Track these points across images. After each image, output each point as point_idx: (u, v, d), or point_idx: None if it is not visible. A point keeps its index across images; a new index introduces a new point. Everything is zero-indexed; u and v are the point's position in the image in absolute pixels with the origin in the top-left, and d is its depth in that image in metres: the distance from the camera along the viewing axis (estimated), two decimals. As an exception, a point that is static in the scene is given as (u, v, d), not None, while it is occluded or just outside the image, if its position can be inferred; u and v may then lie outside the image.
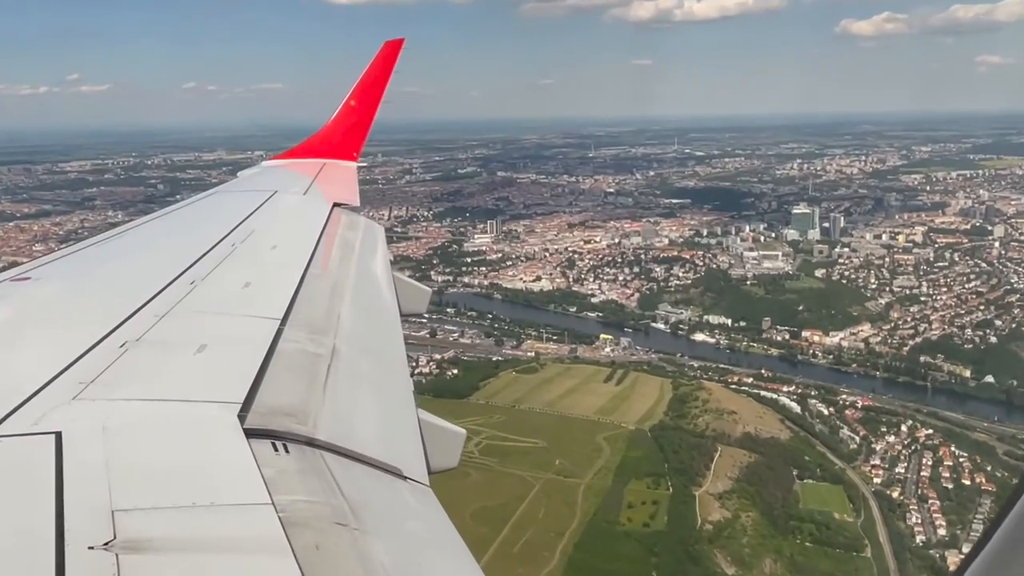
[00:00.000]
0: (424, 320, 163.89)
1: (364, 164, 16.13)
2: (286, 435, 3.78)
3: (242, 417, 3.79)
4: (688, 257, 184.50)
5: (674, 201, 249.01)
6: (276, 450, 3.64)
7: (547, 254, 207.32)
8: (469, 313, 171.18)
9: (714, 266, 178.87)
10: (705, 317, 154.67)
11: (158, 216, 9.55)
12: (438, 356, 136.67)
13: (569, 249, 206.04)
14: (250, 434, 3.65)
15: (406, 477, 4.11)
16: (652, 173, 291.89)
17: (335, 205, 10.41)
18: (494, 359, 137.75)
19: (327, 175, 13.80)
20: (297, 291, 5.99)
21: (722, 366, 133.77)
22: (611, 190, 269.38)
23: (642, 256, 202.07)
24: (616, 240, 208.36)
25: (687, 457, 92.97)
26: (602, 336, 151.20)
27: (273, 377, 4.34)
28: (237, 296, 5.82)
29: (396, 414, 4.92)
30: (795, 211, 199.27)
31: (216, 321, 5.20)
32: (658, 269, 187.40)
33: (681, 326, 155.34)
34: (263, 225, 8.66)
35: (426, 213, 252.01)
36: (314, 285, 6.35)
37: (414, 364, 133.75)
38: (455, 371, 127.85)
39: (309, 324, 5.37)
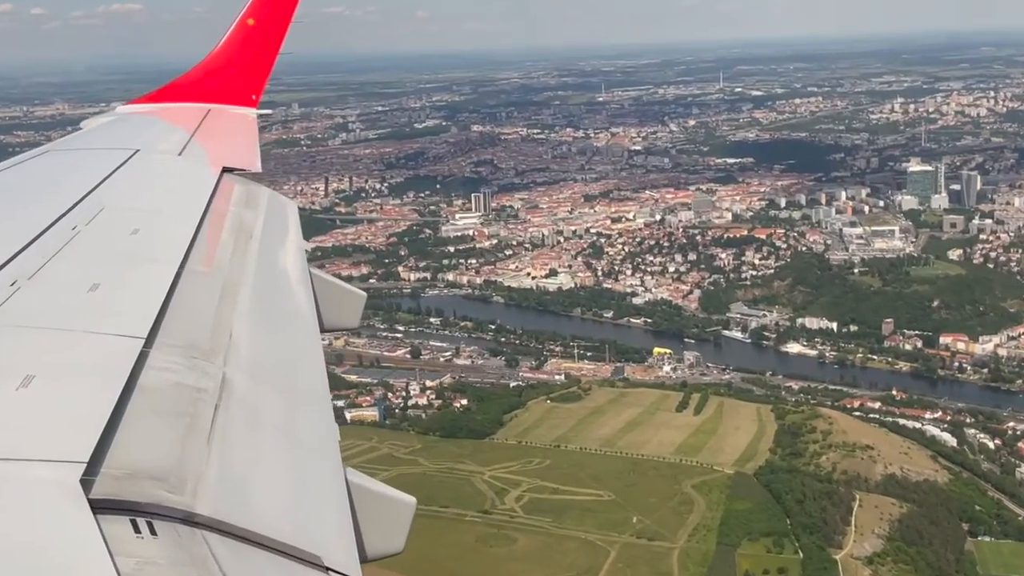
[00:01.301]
0: (398, 335, 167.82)
1: (267, 112, 16.29)
2: (152, 509, 3.70)
3: (87, 483, 3.63)
4: (764, 237, 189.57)
5: (730, 160, 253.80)
6: (138, 531, 3.56)
7: (560, 238, 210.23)
8: (462, 324, 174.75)
9: (803, 248, 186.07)
10: (799, 320, 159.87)
11: None
12: (432, 383, 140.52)
13: (591, 230, 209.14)
14: (99, 507, 3.52)
15: (328, 569, 4.12)
16: (692, 122, 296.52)
17: (225, 171, 10.51)
18: (511, 384, 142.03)
19: (212, 127, 13.76)
20: (169, 297, 5.89)
21: (834, 387, 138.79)
22: (637, 147, 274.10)
23: (697, 237, 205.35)
24: (656, 216, 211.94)
25: (815, 509, 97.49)
26: (656, 350, 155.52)
27: (133, 423, 4.24)
28: (80, 303, 5.63)
29: (315, 476, 4.89)
30: (910, 170, 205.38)
31: (49, 340, 5.01)
32: (723, 255, 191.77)
33: (766, 333, 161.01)
34: (118, 199, 8.51)
35: (378, 185, 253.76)
36: (194, 288, 6.29)
37: (403, 394, 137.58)
38: (464, 402, 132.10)
39: (187, 345, 5.30)
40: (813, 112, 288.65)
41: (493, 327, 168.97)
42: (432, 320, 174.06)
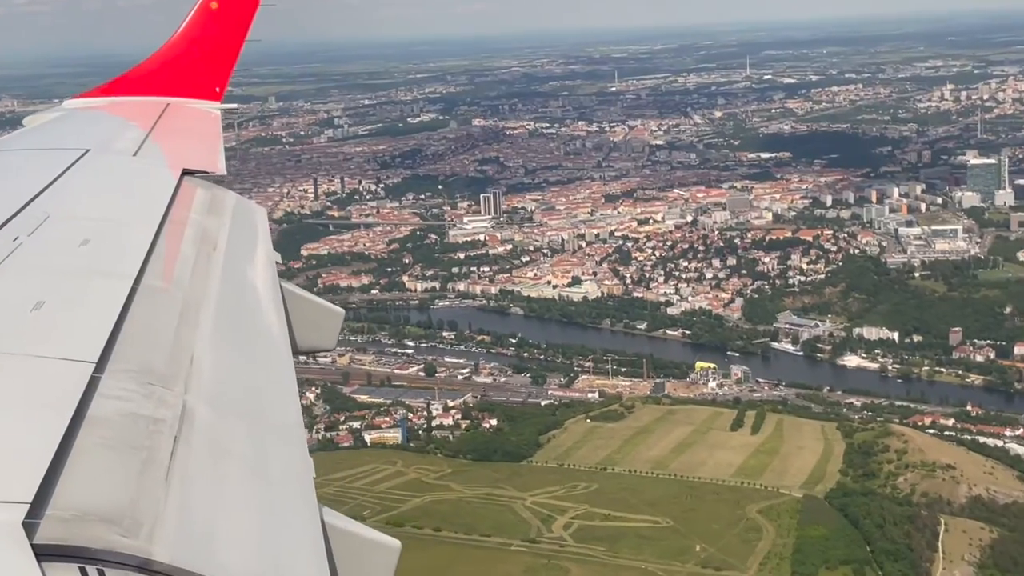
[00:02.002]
0: (408, 351, 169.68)
1: (233, 106, 16.35)
2: (104, 555, 3.72)
3: (31, 526, 3.67)
4: (810, 239, 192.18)
5: (764, 155, 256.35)
6: None
7: (582, 243, 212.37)
8: (479, 338, 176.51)
9: (855, 251, 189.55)
10: (855, 330, 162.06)
11: None
12: (455, 402, 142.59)
13: (616, 234, 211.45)
14: (44, 554, 3.55)
15: None
16: (719, 114, 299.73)
17: (185, 173, 10.52)
18: (542, 403, 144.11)
19: (171, 124, 13.82)
20: (123, 316, 5.88)
21: (900, 403, 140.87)
22: (658, 142, 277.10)
23: (735, 240, 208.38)
24: (688, 217, 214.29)
25: (898, 534, 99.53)
26: (698, 365, 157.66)
27: (82, 459, 4.24)
28: (23, 324, 5.64)
29: (288, 517, 4.93)
30: (970, 163, 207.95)
31: None
32: (766, 259, 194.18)
33: (819, 345, 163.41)
34: (65, 206, 8.53)
35: (373, 187, 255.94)
36: (151, 306, 6.33)
37: (425, 414, 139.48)
38: (493, 422, 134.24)
39: (143, 370, 5.32)
40: (853, 101, 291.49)
41: (514, 341, 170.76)
42: (445, 334, 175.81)
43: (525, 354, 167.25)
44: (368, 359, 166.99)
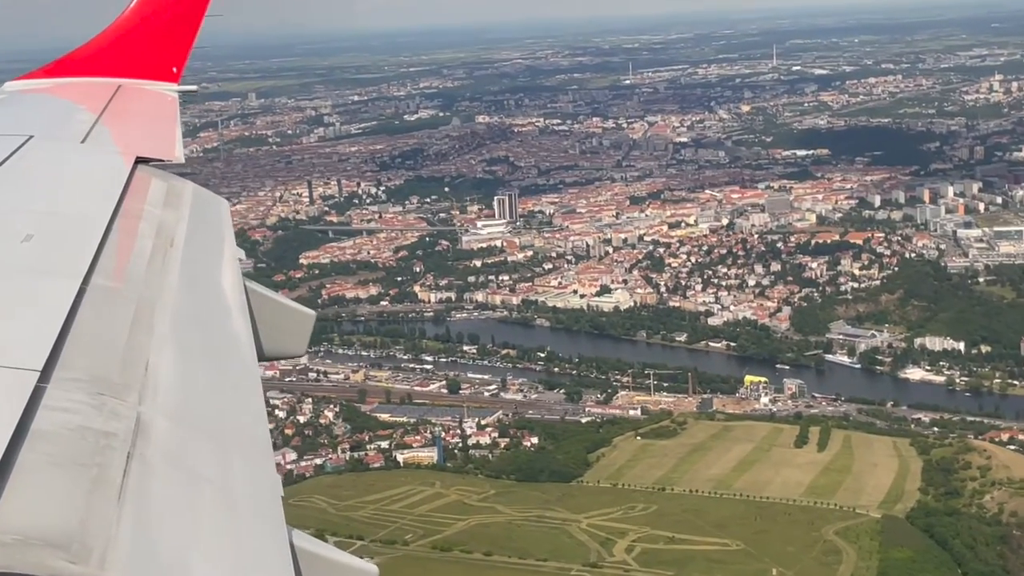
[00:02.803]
0: (427, 366, 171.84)
1: (191, 88, 15.76)
2: None
3: None
4: (861, 242, 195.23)
5: (800, 153, 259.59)
6: None
7: (608, 248, 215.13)
8: (504, 352, 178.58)
9: (911, 254, 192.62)
10: (916, 341, 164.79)
11: None
12: (488, 419, 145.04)
13: (646, 238, 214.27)
14: None
15: None
16: (746, 108, 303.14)
17: (139, 161, 10.55)
18: (582, 420, 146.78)
19: (124, 107, 13.71)
20: (70, 319, 5.90)
21: (972, 418, 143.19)
22: (683, 139, 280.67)
23: (778, 244, 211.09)
24: (723, 220, 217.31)
25: (991, 555, 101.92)
26: (748, 378, 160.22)
27: (26, 477, 4.25)
28: None
29: (253, 540, 4.98)
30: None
31: None
32: (813, 264, 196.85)
33: (878, 357, 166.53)
34: (6, 198, 8.66)
35: (373, 189, 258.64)
36: (102, 308, 6.37)
37: (458, 433, 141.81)
38: (535, 440, 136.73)
39: (93, 379, 5.34)
40: (893, 93, 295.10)
41: (543, 355, 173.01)
42: (466, 348, 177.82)
43: (555, 369, 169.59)
44: (384, 375, 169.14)
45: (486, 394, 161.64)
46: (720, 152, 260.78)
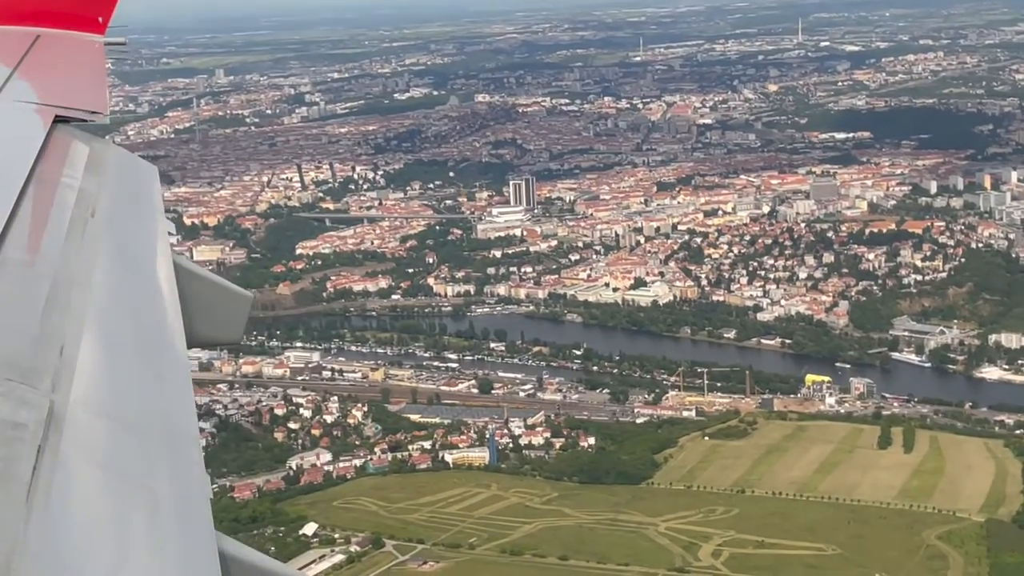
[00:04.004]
0: (451, 364, 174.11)
1: (119, 41, 15.27)
2: None
3: None
4: (920, 231, 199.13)
5: (839, 136, 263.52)
6: None
7: (640, 238, 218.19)
8: (535, 349, 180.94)
9: (978, 244, 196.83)
10: (991, 337, 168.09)
11: None
12: (533, 420, 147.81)
13: (680, 227, 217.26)
14: None
15: None
16: (773, 87, 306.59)
17: (59, 120, 10.47)
18: (636, 420, 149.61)
19: (42, 60, 13.44)
20: None
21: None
22: (707, 120, 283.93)
23: (828, 234, 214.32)
24: (764, 208, 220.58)
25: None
26: (809, 378, 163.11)
27: None
28: None
29: (178, 546, 4.99)
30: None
31: None
32: (870, 256, 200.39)
33: (950, 355, 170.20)
34: None
35: (370, 174, 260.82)
36: (12, 285, 6.39)
37: (506, 433, 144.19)
38: (591, 441, 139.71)
39: (1, 364, 5.32)
40: (935, 72, 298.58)
41: (579, 353, 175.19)
42: (493, 345, 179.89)
43: (594, 368, 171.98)
44: (406, 374, 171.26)
45: (521, 394, 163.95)
46: (750, 135, 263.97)
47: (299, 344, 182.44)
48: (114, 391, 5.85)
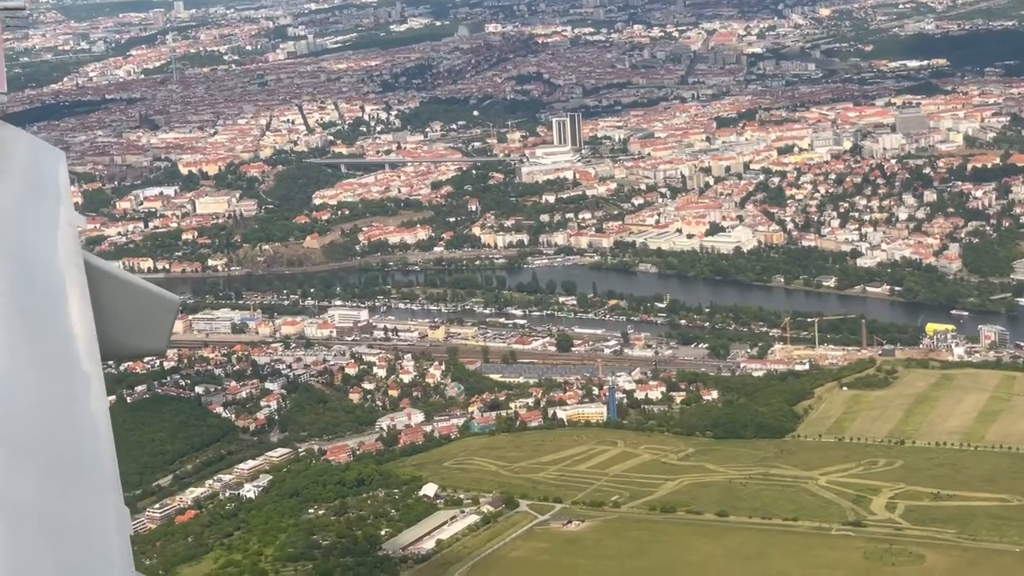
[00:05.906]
0: (519, 320, 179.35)
1: (16, 5, 14.65)
2: None
3: None
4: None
5: (911, 64, 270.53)
6: None
7: (708, 179, 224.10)
8: (611, 302, 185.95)
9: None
10: None
11: None
12: (639, 374, 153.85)
13: (753, 166, 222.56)
14: None
15: None
16: (826, 12, 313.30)
17: None
18: (754, 373, 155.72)
19: None
20: None
21: None
22: (756, 49, 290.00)
23: (926, 171, 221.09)
24: (845, 143, 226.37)
25: None
26: (930, 327, 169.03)
27: None
28: None
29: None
30: None
31: None
32: (979, 193, 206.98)
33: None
34: None
35: (383, 114, 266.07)
36: None
37: (618, 391, 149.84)
38: (714, 395, 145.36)
39: None
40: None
41: (663, 306, 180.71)
42: (562, 300, 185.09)
43: (682, 321, 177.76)
44: (469, 332, 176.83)
45: (606, 351, 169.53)
46: (809, 64, 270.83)
47: (338, 303, 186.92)
48: (17, 415, 5.68)
